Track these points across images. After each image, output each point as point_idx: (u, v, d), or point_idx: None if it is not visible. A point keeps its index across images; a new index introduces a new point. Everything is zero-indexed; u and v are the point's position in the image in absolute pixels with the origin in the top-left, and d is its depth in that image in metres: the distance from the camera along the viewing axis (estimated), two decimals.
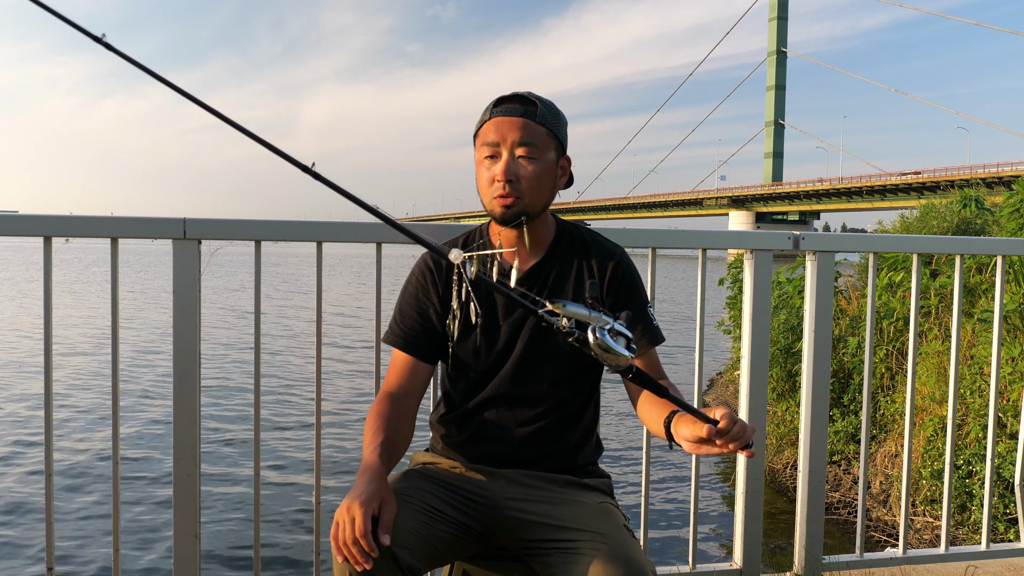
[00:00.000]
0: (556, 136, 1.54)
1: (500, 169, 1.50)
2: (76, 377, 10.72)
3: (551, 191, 1.56)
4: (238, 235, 1.89)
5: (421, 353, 1.58)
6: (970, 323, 5.95)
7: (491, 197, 1.53)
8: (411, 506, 1.40)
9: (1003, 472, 4.92)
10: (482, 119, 1.56)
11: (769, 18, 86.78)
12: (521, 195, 1.51)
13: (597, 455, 1.68)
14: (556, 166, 1.56)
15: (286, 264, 43.52)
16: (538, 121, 1.51)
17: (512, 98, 1.53)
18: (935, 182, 61.56)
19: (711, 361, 12.64)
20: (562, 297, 1.54)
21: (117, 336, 1.90)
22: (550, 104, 1.55)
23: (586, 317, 1.17)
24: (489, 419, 1.58)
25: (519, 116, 1.51)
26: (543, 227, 1.61)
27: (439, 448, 1.65)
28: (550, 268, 1.60)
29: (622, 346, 1.16)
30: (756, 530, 2.24)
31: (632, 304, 1.59)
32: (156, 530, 5.51)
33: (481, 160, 1.55)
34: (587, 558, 1.33)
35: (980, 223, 9.51)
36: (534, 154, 1.51)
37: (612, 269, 1.60)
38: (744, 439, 1.20)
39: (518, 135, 1.50)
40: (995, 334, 2.41)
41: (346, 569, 1.29)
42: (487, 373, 1.58)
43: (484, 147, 1.53)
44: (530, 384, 1.56)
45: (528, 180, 1.51)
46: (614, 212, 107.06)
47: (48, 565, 1.90)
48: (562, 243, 1.62)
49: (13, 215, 1.85)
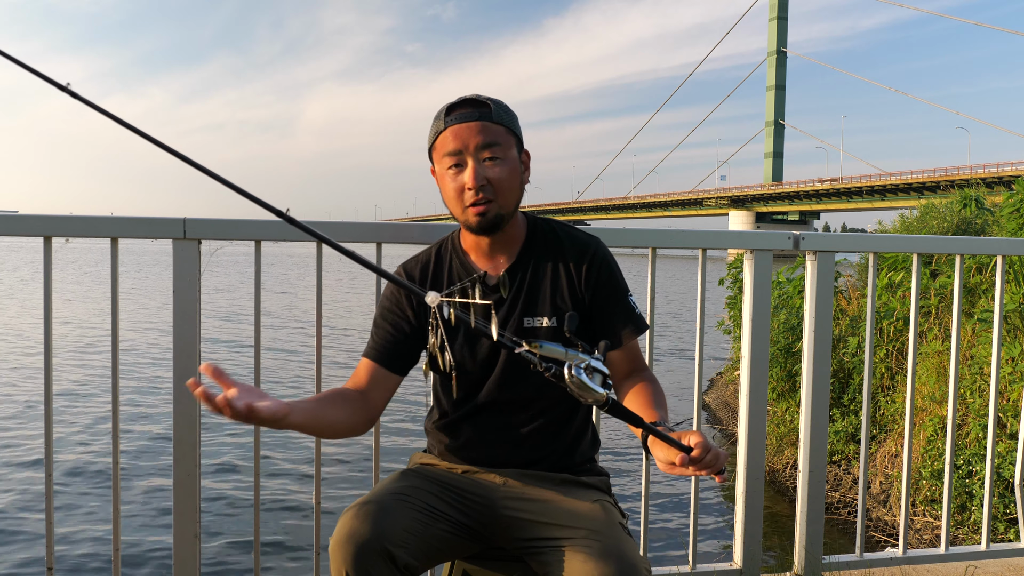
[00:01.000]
0: (514, 132, 1.53)
1: (469, 176, 1.47)
2: (76, 376, 10.72)
3: (520, 189, 1.54)
4: (238, 235, 1.89)
5: (389, 362, 1.56)
6: (970, 323, 5.95)
7: (463, 207, 1.50)
8: (409, 505, 1.40)
9: (1003, 472, 4.92)
10: (435, 129, 1.51)
11: (769, 18, 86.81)
12: (494, 198, 1.49)
13: (594, 450, 1.68)
14: (520, 163, 1.55)
15: (281, 264, 43.51)
16: (495, 121, 1.49)
17: (463, 103, 1.50)
18: (935, 182, 61.56)
19: (711, 360, 12.64)
20: (539, 297, 1.56)
21: (117, 336, 1.90)
22: (500, 102, 1.53)
23: (562, 355, 1.21)
24: (482, 424, 1.58)
25: (476, 120, 1.47)
26: (515, 227, 1.59)
27: (436, 452, 1.65)
28: (526, 267, 1.58)
29: (598, 383, 1.20)
30: (756, 530, 2.24)
31: (611, 295, 1.58)
32: (156, 530, 5.52)
33: (444, 172, 1.52)
34: (580, 555, 1.33)
35: (980, 223, 9.51)
36: (498, 154, 1.48)
37: (588, 262, 1.58)
38: (717, 466, 1.23)
39: (479, 138, 1.47)
40: (995, 334, 2.41)
41: (343, 568, 1.29)
42: (475, 381, 1.57)
43: (445, 158, 1.50)
44: (519, 388, 1.55)
45: (498, 182, 1.48)
46: (614, 212, 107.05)
47: (48, 565, 1.90)
48: (535, 241, 1.60)
49: (13, 215, 1.85)
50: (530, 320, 1.55)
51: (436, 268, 1.62)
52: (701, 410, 2.25)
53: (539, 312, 1.56)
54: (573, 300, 1.56)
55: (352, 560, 1.29)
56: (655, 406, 1.46)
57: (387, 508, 1.36)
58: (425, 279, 1.61)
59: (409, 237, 1.99)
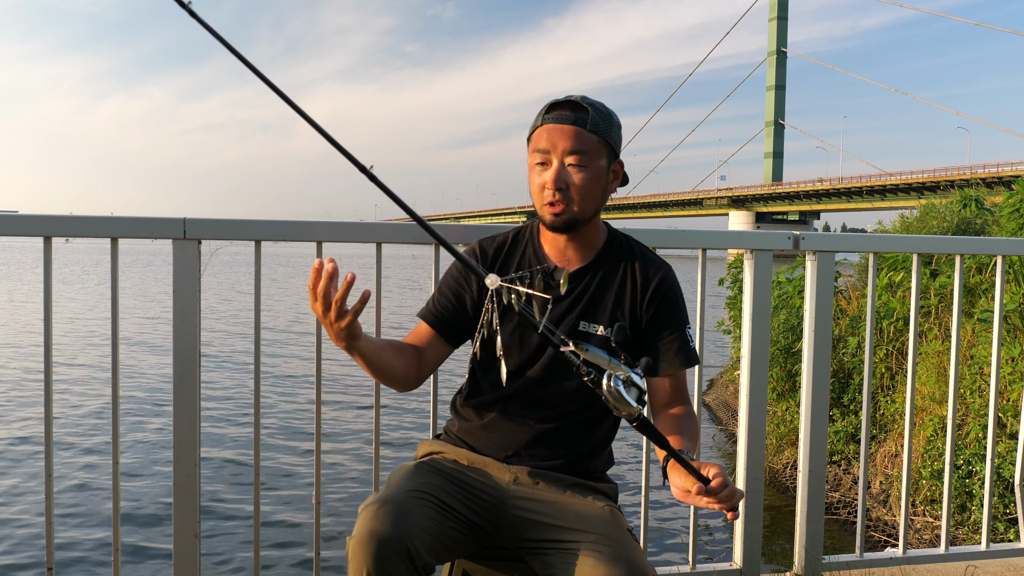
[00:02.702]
0: (608, 143, 1.53)
1: (550, 177, 1.51)
2: (76, 376, 10.72)
3: (602, 197, 1.56)
4: (238, 235, 1.89)
5: (446, 331, 1.61)
6: (970, 323, 5.95)
7: (542, 203, 1.54)
8: (426, 504, 1.40)
9: (1003, 472, 4.92)
10: (534, 124, 1.55)
11: (769, 18, 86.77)
12: (571, 203, 1.52)
13: (607, 466, 1.69)
14: (607, 172, 1.56)
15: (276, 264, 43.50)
16: (589, 129, 1.50)
17: (564, 104, 1.53)
18: (935, 182, 61.54)
19: (711, 360, 12.63)
20: (600, 305, 1.58)
21: (117, 336, 1.90)
22: (602, 109, 1.54)
23: (605, 363, 1.23)
24: (510, 411, 1.59)
25: (570, 124, 1.50)
26: (593, 232, 1.62)
27: (453, 432, 1.66)
28: (595, 273, 1.60)
29: (633, 397, 1.21)
30: (756, 530, 2.24)
31: (669, 322, 1.60)
32: (156, 530, 5.52)
33: (533, 166, 1.55)
34: (590, 560, 1.34)
35: (980, 223, 9.51)
36: (584, 162, 1.50)
37: (656, 284, 1.60)
38: (732, 502, 1.25)
39: (569, 143, 1.50)
40: (995, 334, 2.41)
41: (363, 567, 1.29)
42: (517, 368, 1.59)
43: (536, 153, 1.54)
44: (556, 385, 1.57)
45: (578, 188, 1.51)
46: (614, 212, 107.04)
47: (48, 565, 1.90)
48: (611, 251, 1.63)
49: (13, 215, 1.85)
50: (586, 325, 1.58)
51: (510, 250, 1.65)
52: (701, 410, 2.25)
53: (597, 319, 1.58)
54: (632, 316, 1.59)
55: (373, 560, 1.28)
56: (685, 437, 1.48)
57: (406, 507, 1.36)
58: (497, 259, 1.64)
59: (409, 237, 1.99)
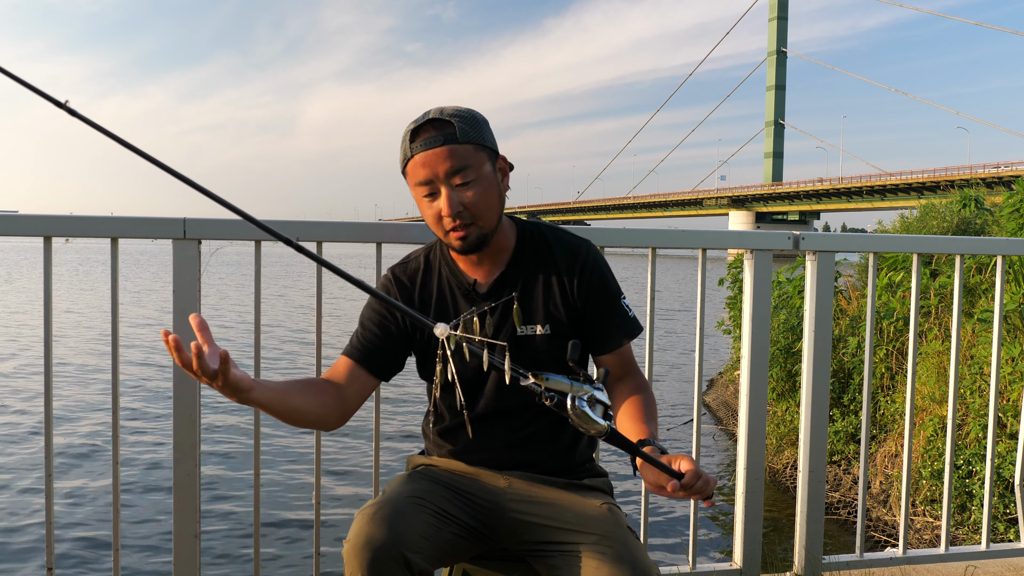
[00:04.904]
0: (484, 145, 1.47)
1: (444, 205, 1.44)
2: (76, 375, 10.72)
3: (500, 202, 1.50)
4: (238, 235, 1.89)
5: (374, 367, 1.54)
6: (970, 323, 5.95)
7: (444, 232, 1.49)
8: (423, 509, 1.39)
9: (1003, 472, 4.92)
10: (404, 156, 1.47)
11: (769, 18, 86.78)
12: (473, 221, 1.46)
13: (592, 449, 1.68)
14: (495, 174, 1.50)
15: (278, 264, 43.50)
16: (461, 141, 1.43)
17: (427, 126, 1.45)
18: (935, 182, 61.53)
19: (710, 359, 12.63)
20: (531, 305, 1.54)
21: (117, 336, 1.90)
22: (464, 114, 1.47)
23: (567, 387, 1.23)
24: (480, 430, 1.57)
25: (441, 145, 1.42)
26: (502, 236, 1.56)
27: (436, 455, 1.65)
28: (516, 275, 1.56)
29: (599, 415, 1.22)
30: (756, 530, 2.24)
31: (603, 298, 1.57)
32: (156, 530, 5.52)
33: (420, 198, 1.49)
34: (593, 561, 1.33)
35: (980, 223, 9.50)
36: (470, 176, 1.44)
37: (580, 266, 1.56)
38: (706, 492, 1.23)
39: (448, 164, 1.43)
40: (995, 334, 2.41)
41: (359, 572, 1.28)
42: (471, 390, 1.56)
43: (419, 187, 1.47)
44: (514, 396, 1.53)
45: (475, 205, 1.45)
46: (614, 212, 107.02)
47: (48, 565, 1.90)
48: (526, 247, 1.58)
49: (13, 215, 1.85)
50: (524, 328, 1.54)
51: (425, 275, 1.60)
52: (701, 409, 2.26)
53: (533, 320, 1.54)
54: (566, 306, 1.55)
55: (368, 565, 1.27)
56: (646, 420, 1.46)
57: (402, 512, 1.35)
58: (414, 288, 1.59)
59: (409, 237, 1.99)
